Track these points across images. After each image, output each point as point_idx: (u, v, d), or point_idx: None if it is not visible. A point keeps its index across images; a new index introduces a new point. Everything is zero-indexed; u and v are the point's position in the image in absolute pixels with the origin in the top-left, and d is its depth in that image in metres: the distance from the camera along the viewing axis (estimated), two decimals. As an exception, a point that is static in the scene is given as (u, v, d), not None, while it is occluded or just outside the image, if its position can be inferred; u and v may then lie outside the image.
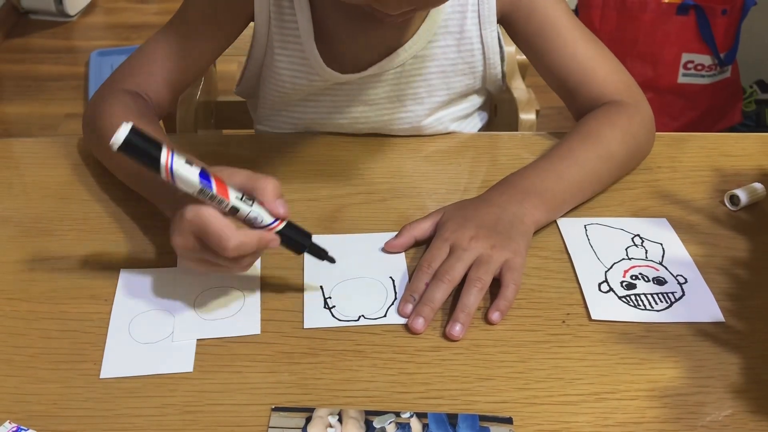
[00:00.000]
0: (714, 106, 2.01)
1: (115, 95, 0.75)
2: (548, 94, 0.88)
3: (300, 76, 0.82)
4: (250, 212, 0.56)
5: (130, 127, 0.52)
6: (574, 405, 0.55)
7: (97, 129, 0.74)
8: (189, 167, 0.54)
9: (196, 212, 0.55)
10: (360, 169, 0.79)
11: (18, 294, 0.63)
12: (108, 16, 2.82)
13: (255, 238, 0.56)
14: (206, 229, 0.55)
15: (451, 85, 0.85)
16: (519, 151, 0.83)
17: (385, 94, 0.83)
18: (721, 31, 1.90)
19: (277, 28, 0.80)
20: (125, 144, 0.52)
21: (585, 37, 0.81)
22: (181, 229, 0.56)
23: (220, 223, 0.55)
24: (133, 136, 0.52)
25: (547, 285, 0.65)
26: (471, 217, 0.66)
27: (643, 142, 0.79)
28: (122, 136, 0.52)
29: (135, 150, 0.53)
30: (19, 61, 2.51)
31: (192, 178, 0.54)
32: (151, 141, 0.53)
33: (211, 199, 0.55)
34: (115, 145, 0.52)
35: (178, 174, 0.54)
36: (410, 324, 0.61)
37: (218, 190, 0.55)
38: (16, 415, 0.53)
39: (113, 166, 0.74)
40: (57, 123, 2.17)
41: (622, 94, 0.80)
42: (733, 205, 0.75)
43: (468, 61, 0.84)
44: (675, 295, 0.64)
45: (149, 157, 0.53)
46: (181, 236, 0.57)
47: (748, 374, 0.58)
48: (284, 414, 0.53)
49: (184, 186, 0.54)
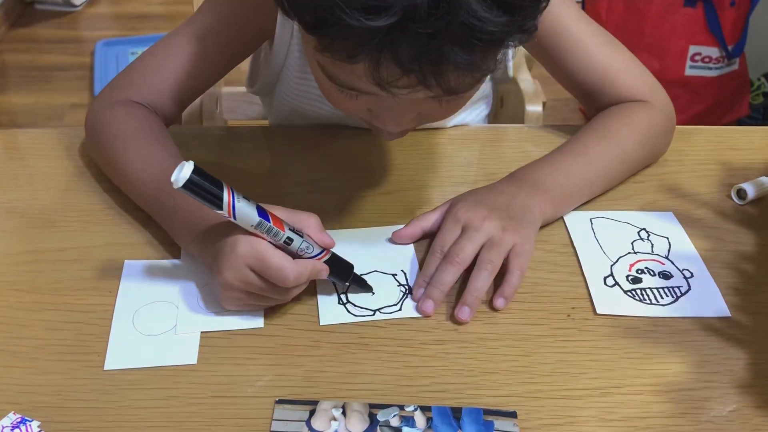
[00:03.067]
0: (721, 98, 2.00)
1: (118, 107, 0.73)
2: (555, 86, 0.87)
3: (321, 109, 0.81)
4: (302, 243, 0.57)
5: (192, 167, 0.52)
6: (579, 399, 0.55)
7: (102, 146, 0.72)
8: (247, 203, 0.55)
9: (251, 245, 0.56)
10: (366, 162, 0.78)
11: (22, 285, 0.63)
12: (113, 6, 2.81)
13: (309, 267, 0.57)
14: (266, 262, 0.56)
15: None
16: (525, 143, 0.83)
17: None
18: (729, 23, 1.89)
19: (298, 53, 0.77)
20: (189, 183, 0.52)
21: (600, 41, 0.78)
22: (234, 263, 0.56)
23: (277, 255, 0.56)
24: (195, 176, 0.52)
25: (553, 279, 0.65)
26: (482, 200, 0.66)
27: (660, 145, 0.78)
28: (185, 176, 0.52)
29: (197, 189, 0.53)
30: (24, 51, 2.51)
31: (252, 214, 0.55)
32: (212, 179, 0.54)
33: (268, 232, 0.56)
34: (177, 184, 0.52)
35: (240, 210, 0.54)
36: (420, 307, 0.61)
37: (274, 222, 0.56)
38: (21, 406, 0.53)
39: (121, 186, 0.71)
40: (62, 113, 2.17)
41: (642, 93, 0.77)
42: (740, 199, 0.74)
43: None
44: (681, 290, 0.64)
45: (211, 195, 0.53)
46: (233, 270, 0.56)
47: (754, 369, 0.57)
48: (288, 407, 0.53)
49: (242, 221, 0.55)
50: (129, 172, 0.69)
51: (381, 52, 0.48)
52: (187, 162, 0.52)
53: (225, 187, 0.54)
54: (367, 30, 0.46)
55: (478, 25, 0.47)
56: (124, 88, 0.75)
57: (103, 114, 0.73)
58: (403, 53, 0.48)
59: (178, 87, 0.75)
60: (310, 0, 0.49)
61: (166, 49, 0.75)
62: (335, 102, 0.61)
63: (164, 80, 0.74)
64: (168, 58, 0.75)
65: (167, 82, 0.74)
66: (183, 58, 0.74)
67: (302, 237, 0.58)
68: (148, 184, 0.67)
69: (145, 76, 0.75)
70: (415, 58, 0.48)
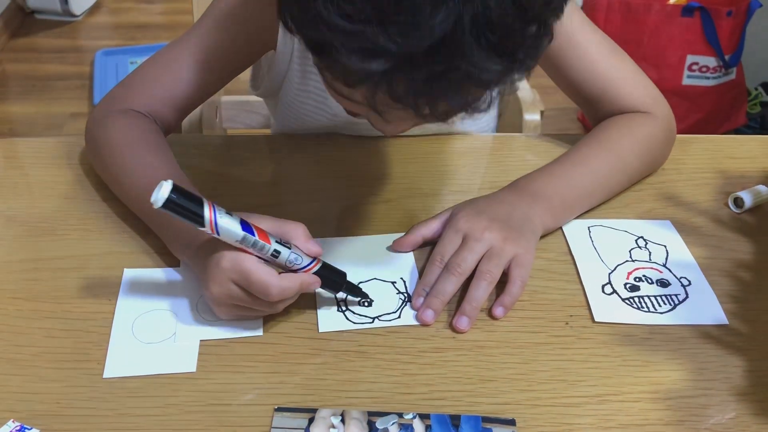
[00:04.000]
0: (719, 108, 2.01)
1: (118, 116, 0.73)
2: (553, 96, 0.88)
3: (321, 117, 0.81)
4: (290, 254, 0.57)
5: (171, 186, 0.52)
6: (577, 407, 0.55)
7: (101, 155, 0.72)
8: (230, 219, 0.55)
9: (235, 261, 0.56)
10: (366, 171, 0.79)
11: (22, 293, 0.63)
12: (113, 16, 2.83)
13: (297, 281, 0.57)
14: (249, 277, 0.55)
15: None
16: (523, 152, 0.83)
17: None
18: (726, 32, 1.90)
19: (299, 66, 0.78)
20: (168, 203, 0.52)
21: (604, 48, 0.78)
22: (218, 278, 0.56)
23: (261, 270, 0.55)
24: (174, 195, 0.52)
25: (551, 287, 0.65)
26: (484, 210, 0.66)
27: (660, 155, 0.78)
28: (164, 196, 0.52)
29: (177, 208, 0.53)
30: (24, 60, 2.52)
31: (235, 229, 0.54)
32: (193, 198, 0.53)
33: (253, 246, 0.55)
34: (156, 204, 0.52)
35: (222, 227, 0.54)
36: (420, 316, 0.61)
37: (260, 236, 0.55)
38: (20, 414, 0.53)
39: (119, 195, 0.72)
40: (62, 122, 2.18)
41: (648, 106, 0.78)
42: (737, 208, 0.74)
43: None
44: (678, 297, 0.64)
45: (192, 214, 0.53)
46: (218, 285, 0.57)
47: (752, 377, 0.57)
48: (287, 414, 0.54)
49: (226, 237, 0.55)
50: (127, 181, 0.69)
51: (377, 86, 0.48)
52: (166, 181, 0.52)
53: (206, 203, 0.54)
54: (364, 70, 0.46)
55: (476, 73, 0.46)
56: (124, 97, 0.75)
57: (103, 122, 0.73)
58: (399, 89, 0.48)
59: (178, 96, 0.75)
60: (310, 31, 0.48)
61: (166, 59, 0.75)
62: (336, 100, 0.61)
63: (164, 90, 0.74)
64: (168, 67, 0.75)
65: (167, 92, 0.75)
66: (183, 68, 0.74)
67: (290, 248, 0.57)
68: (144, 193, 0.67)
69: (145, 85, 0.75)
70: (410, 95, 0.48)
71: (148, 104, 0.74)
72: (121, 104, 0.74)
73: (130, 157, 0.70)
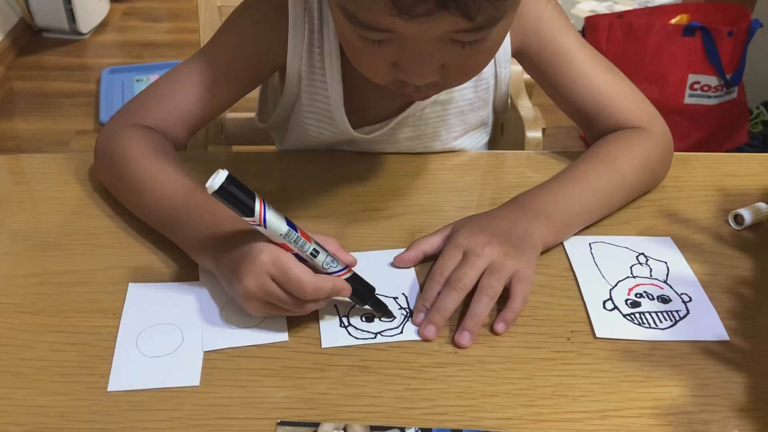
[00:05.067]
0: (721, 127, 2.01)
1: (132, 130, 0.74)
2: (554, 114, 0.89)
3: (325, 133, 0.83)
4: (327, 257, 0.59)
5: (226, 174, 0.54)
6: (579, 422, 0.55)
7: (116, 167, 0.73)
8: (277, 214, 0.57)
9: (275, 255, 0.57)
10: (366, 187, 0.79)
11: (27, 307, 0.64)
12: (120, 35, 2.86)
13: (330, 283, 0.58)
14: (286, 271, 0.57)
15: (468, 121, 0.87)
16: (525, 169, 0.84)
17: (406, 135, 0.85)
18: (727, 52, 1.91)
19: (307, 86, 0.79)
20: (222, 189, 0.54)
21: (600, 67, 0.80)
22: (256, 272, 0.57)
23: (299, 266, 0.57)
24: (229, 183, 0.54)
25: (553, 302, 0.65)
26: (484, 226, 0.67)
27: (659, 172, 0.79)
28: (219, 182, 0.54)
29: (231, 196, 0.55)
30: (31, 78, 2.54)
31: (281, 223, 0.57)
32: (245, 188, 0.56)
33: (295, 243, 0.57)
34: (212, 189, 0.54)
35: (270, 219, 0.56)
36: (421, 332, 0.61)
37: (302, 234, 0.58)
38: (24, 427, 0.54)
39: (131, 205, 0.72)
40: (68, 139, 2.19)
41: (640, 120, 0.79)
42: (737, 225, 0.75)
43: (483, 97, 0.86)
44: (679, 314, 0.64)
45: (243, 203, 0.55)
46: (254, 279, 0.57)
47: (753, 393, 0.58)
48: (290, 429, 0.54)
49: (271, 229, 0.57)
50: (143, 190, 0.70)
51: None
52: (222, 170, 0.55)
53: (257, 198, 0.56)
54: None
55: None
56: (136, 112, 0.76)
57: (117, 136, 0.74)
58: None
59: (189, 113, 0.76)
60: None
61: (178, 77, 0.77)
62: (360, 60, 0.63)
63: (176, 106, 0.76)
64: (180, 85, 0.76)
65: (178, 108, 0.76)
66: (195, 85, 0.75)
67: (327, 252, 0.59)
68: (163, 199, 0.68)
69: (158, 101, 0.76)
70: None
71: (159, 120, 0.75)
72: (134, 119, 0.75)
73: (145, 167, 0.70)
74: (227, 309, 0.63)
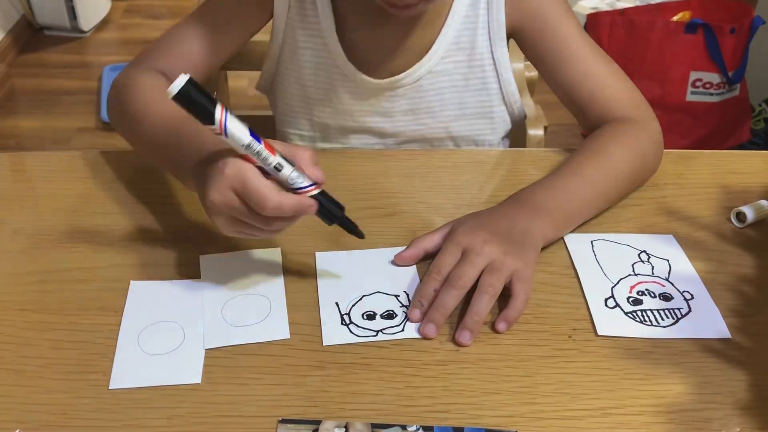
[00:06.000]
0: (723, 124, 2.01)
1: (145, 72, 0.79)
2: (556, 111, 0.89)
3: (321, 68, 0.85)
4: (292, 171, 0.57)
5: (187, 78, 0.54)
6: (580, 420, 0.55)
7: (125, 101, 0.77)
8: (240, 124, 0.56)
9: (238, 168, 0.56)
10: (367, 184, 0.79)
11: (29, 305, 0.64)
12: (121, 32, 2.86)
13: (294, 201, 0.58)
14: (247, 185, 0.56)
15: (464, 101, 0.87)
16: (527, 167, 0.83)
17: (401, 107, 0.86)
18: (729, 49, 1.91)
19: (298, 22, 0.84)
20: (182, 93, 0.54)
21: (595, 54, 0.82)
22: (220, 184, 0.57)
23: (261, 181, 0.56)
24: (190, 87, 0.54)
25: (554, 300, 0.65)
26: (484, 224, 0.67)
27: (650, 159, 0.79)
28: (178, 85, 0.54)
29: (190, 100, 0.54)
30: (33, 75, 2.54)
31: (243, 134, 0.56)
32: (207, 95, 0.55)
33: (257, 155, 0.56)
34: (171, 93, 0.54)
35: (231, 129, 0.55)
36: (421, 330, 0.61)
37: (266, 146, 0.56)
38: (26, 425, 0.54)
39: (133, 137, 0.77)
40: (69, 137, 2.19)
41: (631, 111, 0.81)
42: (739, 222, 0.75)
43: (479, 77, 0.86)
44: (681, 311, 0.64)
45: (203, 109, 0.55)
46: (218, 191, 0.57)
47: (755, 391, 0.57)
48: (291, 426, 0.54)
49: (233, 141, 0.56)
50: (140, 117, 0.74)
51: None
52: (184, 74, 0.54)
53: (219, 103, 0.55)
54: None
55: None
56: (148, 57, 0.82)
57: (129, 77, 0.79)
58: None
59: (195, 58, 0.82)
60: None
61: (185, 26, 0.83)
62: None
63: (185, 50, 0.81)
64: (185, 33, 0.82)
65: (186, 54, 0.81)
66: (198, 33, 0.82)
67: (293, 166, 0.58)
68: (155, 126, 0.72)
69: (168, 46, 0.82)
70: None
71: (170, 62, 0.80)
72: (145, 63, 0.81)
73: (146, 98, 0.75)
74: (229, 306, 0.63)
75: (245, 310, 0.63)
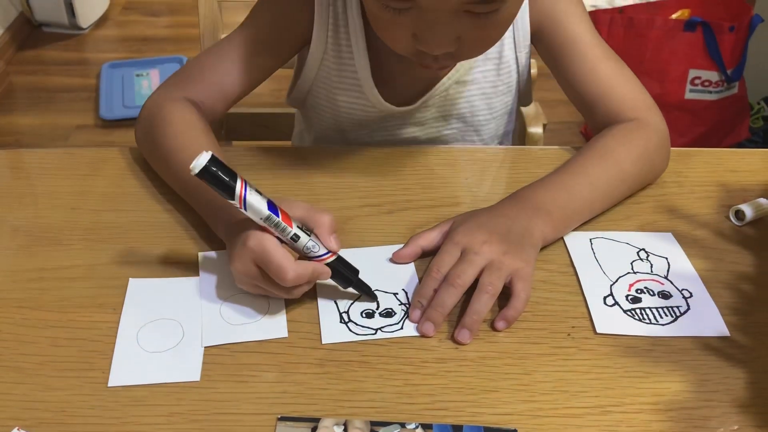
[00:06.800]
0: (721, 122, 2.01)
1: (177, 102, 0.78)
2: (555, 109, 0.89)
3: (357, 109, 0.86)
4: (308, 241, 0.60)
5: (210, 156, 0.56)
6: (579, 418, 0.55)
7: (158, 134, 0.76)
8: (259, 197, 0.58)
9: (258, 240, 0.59)
10: (366, 182, 0.79)
11: (28, 302, 0.64)
12: (120, 29, 2.85)
13: (310, 269, 0.60)
14: (268, 259, 0.58)
15: (493, 106, 0.89)
16: (526, 165, 0.83)
17: (432, 115, 0.88)
18: (728, 47, 1.91)
19: (334, 63, 0.83)
20: (204, 171, 0.56)
21: (607, 55, 0.82)
22: (242, 255, 0.60)
23: (280, 254, 0.59)
24: (211, 165, 0.56)
25: (553, 298, 0.65)
26: (483, 223, 0.67)
27: (657, 163, 0.79)
28: (201, 164, 0.56)
29: (212, 178, 0.57)
30: (31, 72, 2.53)
31: (261, 208, 0.58)
32: (228, 170, 0.57)
33: (276, 227, 0.59)
34: (194, 171, 0.56)
35: (250, 203, 0.58)
36: (420, 328, 0.61)
37: (283, 218, 0.59)
38: (25, 422, 0.54)
39: (162, 171, 0.76)
40: (68, 134, 2.19)
41: (640, 112, 0.80)
42: (738, 220, 0.75)
43: (506, 82, 0.88)
44: (680, 309, 0.64)
45: (225, 186, 0.57)
46: (241, 263, 0.60)
47: (754, 389, 0.58)
48: (290, 424, 0.54)
49: (252, 213, 0.58)
50: (173, 159, 0.73)
51: None
52: (206, 152, 0.57)
53: (239, 178, 0.58)
54: None
55: None
56: (180, 84, 0.81)
57: (159, 107, 0.78)
58: None
59: (230, 84, 0.81)
60: None
61: (220, 51, 0.82)
62: (382, 30, 0.69)
63: (217, 79, 0.81)
64: (220, 59, 0.81)
65: (220, 81, 0.81)
66: (234, 58, 0.81)
67: (309, 236, 0.60)
68: None
69: (201, 73, 0.81)
70: None
71: (201, 91, 0.80)
72: (177, 91, 0.80)
73: (181, 137, 0.74)
74: (228, 304, 0.63)
75: (244, 308, 0.63)
